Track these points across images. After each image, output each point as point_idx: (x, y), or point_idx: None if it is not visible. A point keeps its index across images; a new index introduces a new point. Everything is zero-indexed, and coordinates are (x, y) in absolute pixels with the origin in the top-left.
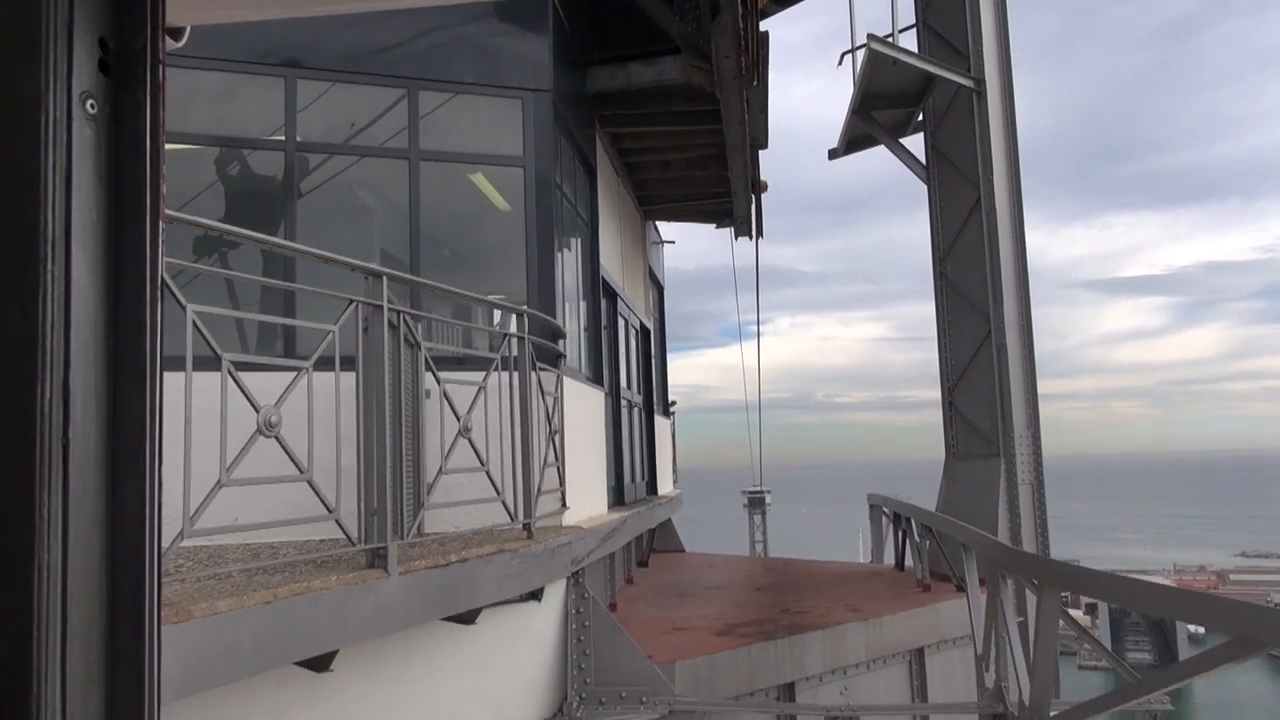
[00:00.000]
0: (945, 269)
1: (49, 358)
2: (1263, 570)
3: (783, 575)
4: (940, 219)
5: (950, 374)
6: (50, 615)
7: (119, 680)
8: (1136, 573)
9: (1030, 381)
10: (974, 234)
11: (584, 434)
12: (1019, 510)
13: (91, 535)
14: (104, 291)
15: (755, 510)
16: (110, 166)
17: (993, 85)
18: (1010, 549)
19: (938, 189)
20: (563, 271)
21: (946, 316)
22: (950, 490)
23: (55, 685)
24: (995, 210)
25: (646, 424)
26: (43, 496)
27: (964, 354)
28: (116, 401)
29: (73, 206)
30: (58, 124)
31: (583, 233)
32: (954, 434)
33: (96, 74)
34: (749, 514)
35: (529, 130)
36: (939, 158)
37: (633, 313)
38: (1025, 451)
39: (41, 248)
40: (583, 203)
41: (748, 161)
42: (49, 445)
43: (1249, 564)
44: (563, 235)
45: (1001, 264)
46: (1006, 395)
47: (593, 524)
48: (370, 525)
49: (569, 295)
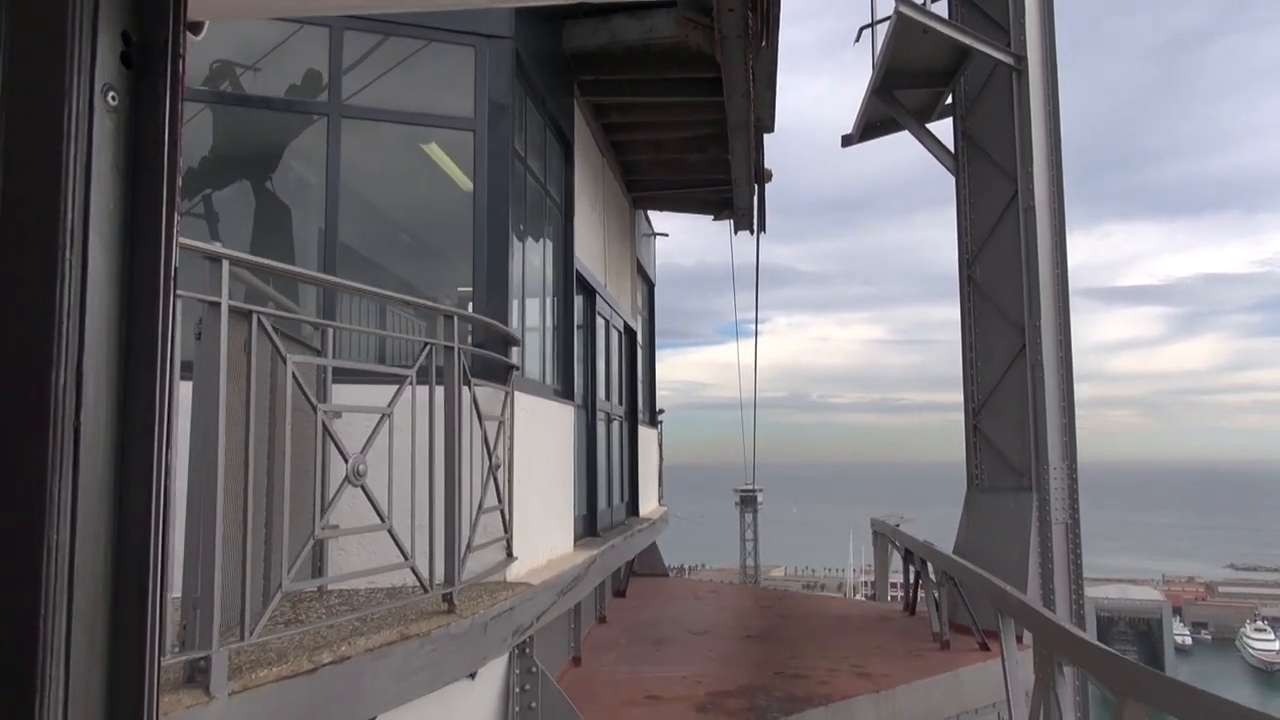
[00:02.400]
0: (974, 273)
1: (64, 343)
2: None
3: (777, 616)
4: (970, 216)
5: (976, 394)
6: (56, 596)
7: (120, 661)
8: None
9: (1068, 405)
10: (1008, 233)
11: (545, 460)
12: (1051, 553)
13: (99, 518)
14: (119, 280)
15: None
16: (129, 158)
17: (1035, 63)
18: (1074, 636)
19: (967, 181)
20: (523, 263)
21: (973, 328)
22: (972, 527)
23: (59, 664)
24: (1034, 207)
25: (629, 437)
26: (53, 479)
27: (993, 371)
28: (128, 388)
29: (91, 196)
30: (80, 115)
31: (554, 218)
32: (978, 463)
33: (119, 66)
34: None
35: (482, 86)
36: (970, 146)
37: (615, 312)
38: (1060, 486)
39: (60, 236)
40: (555, 182)
41: (751, 145)
42: (61, 429)
43: (1238, 576)
44: (525, 218)
45: (1040, 269)
46: (1041, 420)
47: (550, 571)
48: (193, 622)
49: (532, 291)
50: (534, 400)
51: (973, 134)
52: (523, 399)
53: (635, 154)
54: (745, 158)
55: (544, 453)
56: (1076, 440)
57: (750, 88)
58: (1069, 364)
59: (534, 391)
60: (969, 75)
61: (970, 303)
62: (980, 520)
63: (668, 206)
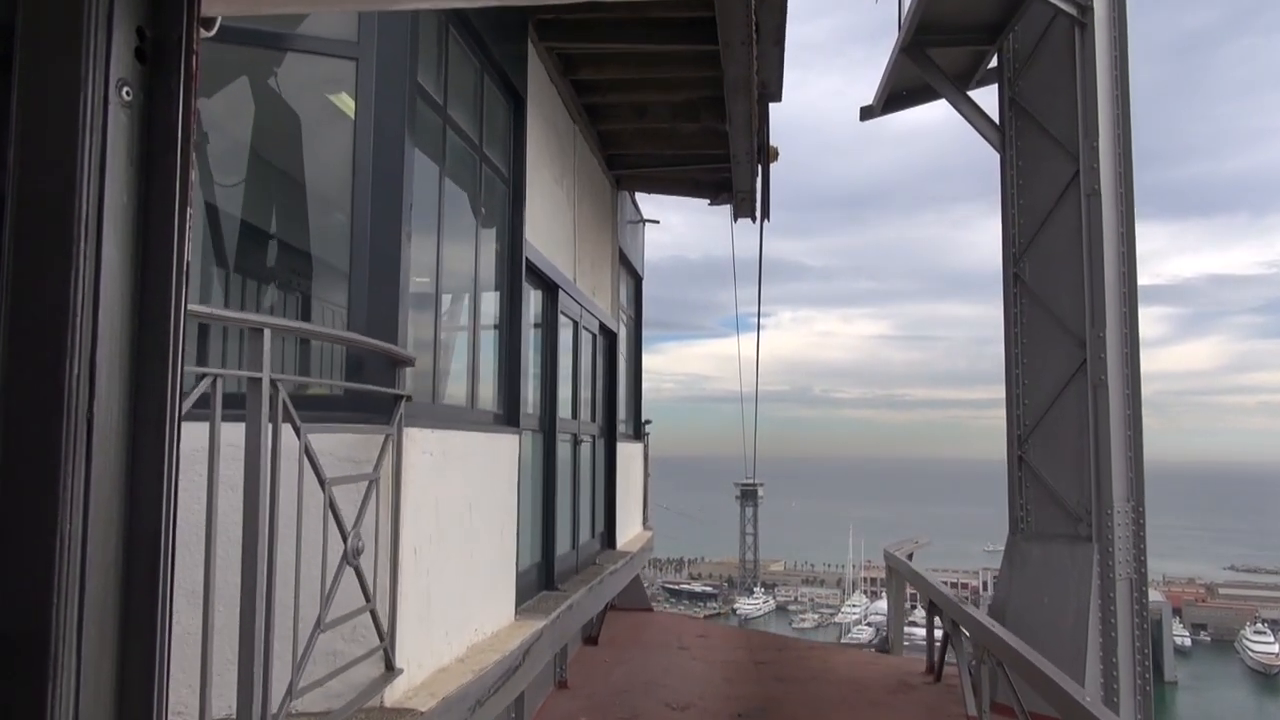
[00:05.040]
0: (1022, 270)
1: (78, 335)
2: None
3: (774, 680)
4: (1017, 201)
5: (1023, 418)
6: (69, 585)
7: (131, 650)
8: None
9: (1134, 435)
10: (1067, 223)
11: (466, 514)
12: (1114, 620)
13: (111, 508)
14: (131, 274)
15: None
16: (142, 153)
17: (1101, 15)
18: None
19: (1015, 160)
20: (439, 247)
21: (1019, 337)
22: (1017, 583)
23: (71, 652)
24: (1100, 191)
25: (604, 458)
26: (66, 469)
27: (1044, 391)
28: (140, 380)
29: (106, 191)
30: (95, 109)
31: (495, 192)
32: (1024, 504)
33: (133, 62)
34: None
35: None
36: (1020, 116)
37: (588, 311)
38: (1125, 533)
39: (75, 228)
40: (497, 147)
41: (754, 112)
42: (74, 420)
43: (1238, 578)
44: (442, 187)
45: (1106, 267)
46: (1105, 453)
47: (467, 671)
48: None
49: (458, 286)
50: (449, 437)
51: (1023, 102)
52: (428, 438)
53: (615, 121)
54: (746, 127)
55: (464, 504)
56: (1144, 477)
57: (753, 34)
58: (1137, 383)
59: (450, 423)
60: (1020, 30)
61: (1016, 307)
62: (1026, 576)
63: (656, 188)
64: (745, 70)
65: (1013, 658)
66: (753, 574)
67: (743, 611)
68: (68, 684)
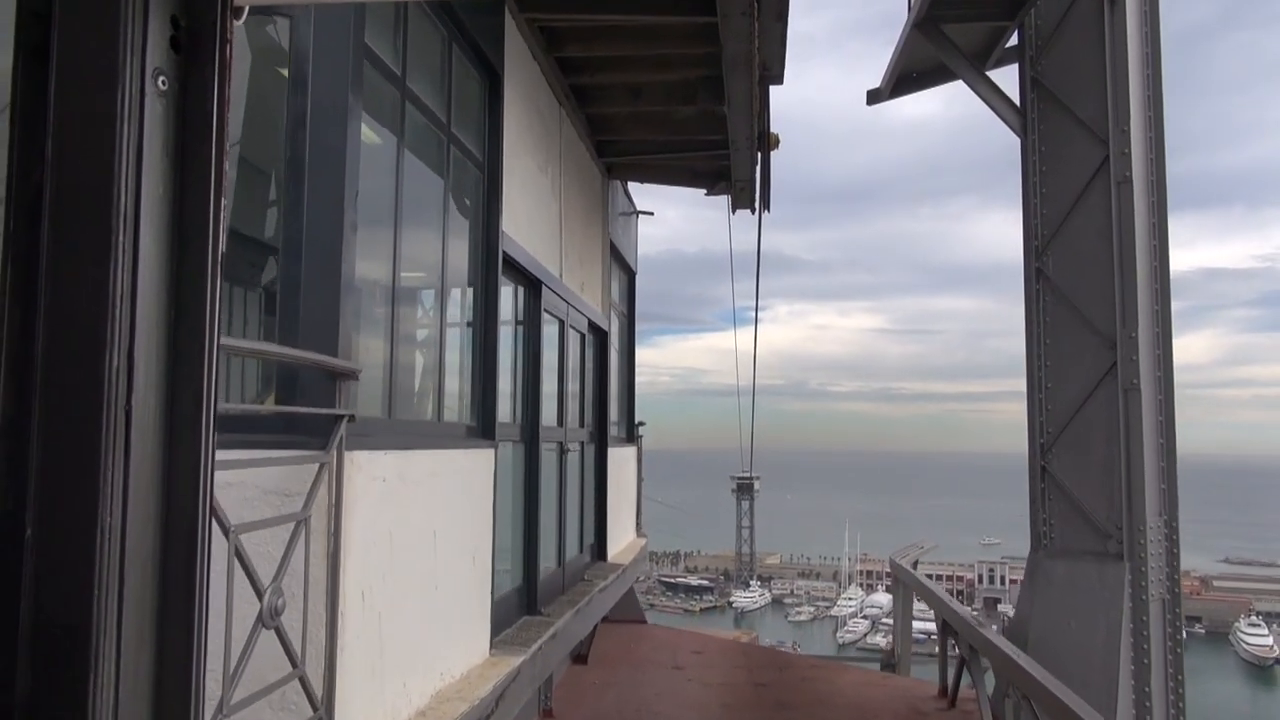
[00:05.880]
0: (1045, 264)
1: (117, 327)
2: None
3: (776, 706)
4: (1040, 190)
5: (1045, 425)
6: (109, 578)
7: (169, 643)
8: None
9: (1168, 443)
10: (1095, 213)
11: (429, 545)
12: (1147, 645)
13: (149, 502)
14: (168, 265)
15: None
16: (178, 143)
17: None
18: None
19: (1038, 145)
20: (396, 238)
21: (1043, 337)
22: (1040, 603)
23: (111, 644)
24: (1131, 178)
25: (595, 464)
26: (106, 462)
27: (1069, 396)
28: (176, 372)
29: (143, 181)
30: (131, 99)
31: (466, 176)
32: (1047, 518)
33: (168, 51)
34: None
35: None
36: (1043, 98)
37: (575, 308)
38: (1157, 550)
39: (113, 219)
40: (470, 129)
41: (754, 92)
42: (113, 412)
43: (1232, 570)
44: (401, 168)
45: (1138, 262)
46: (1137, 463)
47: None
48: None
49: (420, 281)
50: (408, 458)
51: (1046, 82)
52: (380, 461)
53: (605, 104)
54: (746, 109)
55: (427, 532)
56: (1178, 488)
57: (754, 4)
58: (1170, 388)
59: (411, 441)
60: (1043, 4)
61: (1039, 304)
62: (1050, 596)
63: (650, 177)
64: (745, 44)
65: (1043, 695)
66: (749, 567)
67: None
68: (108, 675)
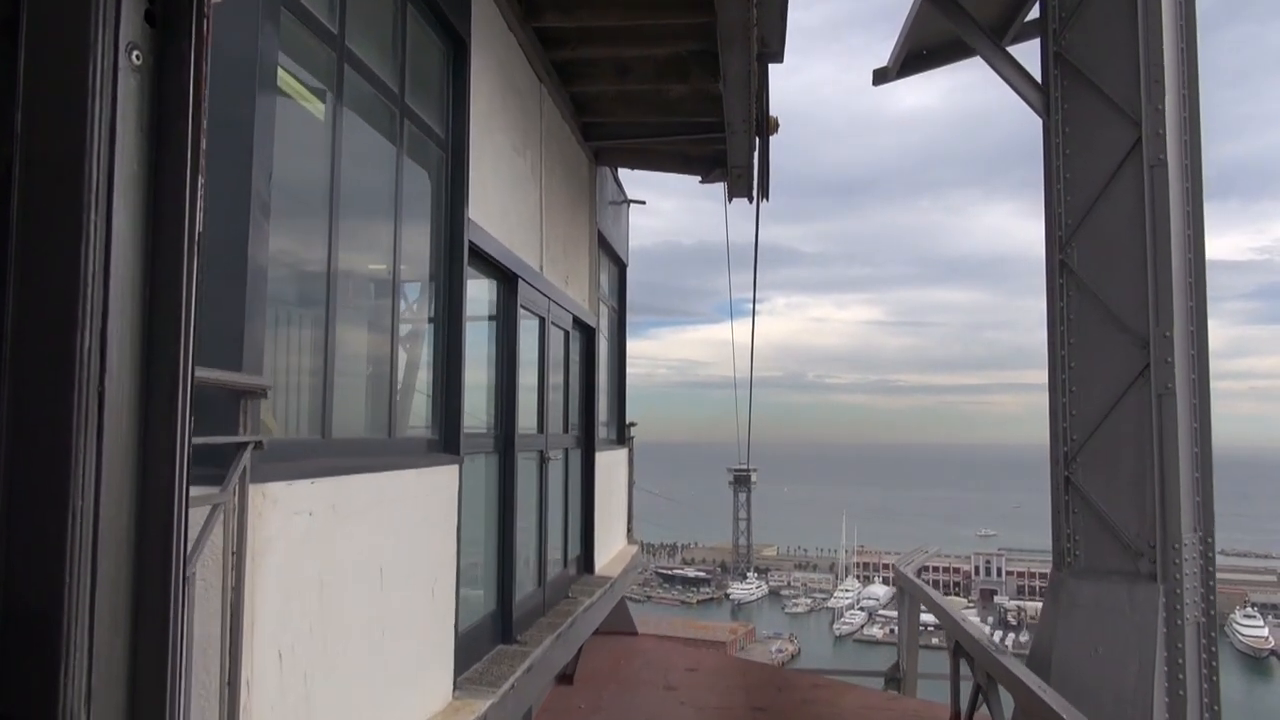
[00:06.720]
0: (1070, 257)
1: (89, 306)
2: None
3: None
4: (1064, 175)
5: (1069, 432)
6: (80, 563)
7: (143, 631)
8: None
9: (1203, 452)
10: (1125, 201)
11: (373, 583)
12: (1182, 672)
13: (123, 485)
14: (143, 243)
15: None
16: (153, 119)
17: None
18: None
19: (1062, 125)
20: (332, 227)
21: (1067, 336)
22: (1064, 627)
23: (84, 632)
24: (1165, 162)
25: (581, 471)
26: (78, 445)
27: (1096, 400)
28: (151, 352)
29: (116, 157)
30: (104, 74)
31: (430, 159)
32: (1071, 534)
33: (142, 25)
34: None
35: None
36: (1067, 75)
37: (557, 304)
38: (1193, 569)
39: (85, 195)
40: (429, 102)
41: (753, 68)
42: (85, 394)
43: (1228, 563)
44: (340, 145)
45: (1172, 253)
46: (1172, 474)
47: None
48: None
49: (371, 277)
50: (344, 484)
51: (1071, 58)
52: (305, 493)
53: (591, 82)
54: (744, 87)
55: (371, 568)
56: (1214, 501)
57: None
58: (1206, 393)
59: (351, 464)
60: None
61: (1063, 300)
62: (1075, 621)
63: (641, 162)
64: (742, 12)
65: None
66: (746, 559)
67: (736, 596)
68: (80, 662)
